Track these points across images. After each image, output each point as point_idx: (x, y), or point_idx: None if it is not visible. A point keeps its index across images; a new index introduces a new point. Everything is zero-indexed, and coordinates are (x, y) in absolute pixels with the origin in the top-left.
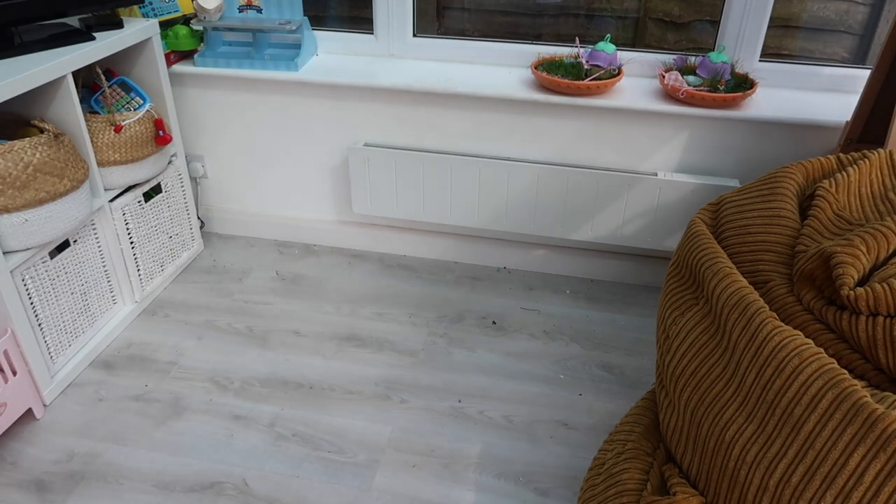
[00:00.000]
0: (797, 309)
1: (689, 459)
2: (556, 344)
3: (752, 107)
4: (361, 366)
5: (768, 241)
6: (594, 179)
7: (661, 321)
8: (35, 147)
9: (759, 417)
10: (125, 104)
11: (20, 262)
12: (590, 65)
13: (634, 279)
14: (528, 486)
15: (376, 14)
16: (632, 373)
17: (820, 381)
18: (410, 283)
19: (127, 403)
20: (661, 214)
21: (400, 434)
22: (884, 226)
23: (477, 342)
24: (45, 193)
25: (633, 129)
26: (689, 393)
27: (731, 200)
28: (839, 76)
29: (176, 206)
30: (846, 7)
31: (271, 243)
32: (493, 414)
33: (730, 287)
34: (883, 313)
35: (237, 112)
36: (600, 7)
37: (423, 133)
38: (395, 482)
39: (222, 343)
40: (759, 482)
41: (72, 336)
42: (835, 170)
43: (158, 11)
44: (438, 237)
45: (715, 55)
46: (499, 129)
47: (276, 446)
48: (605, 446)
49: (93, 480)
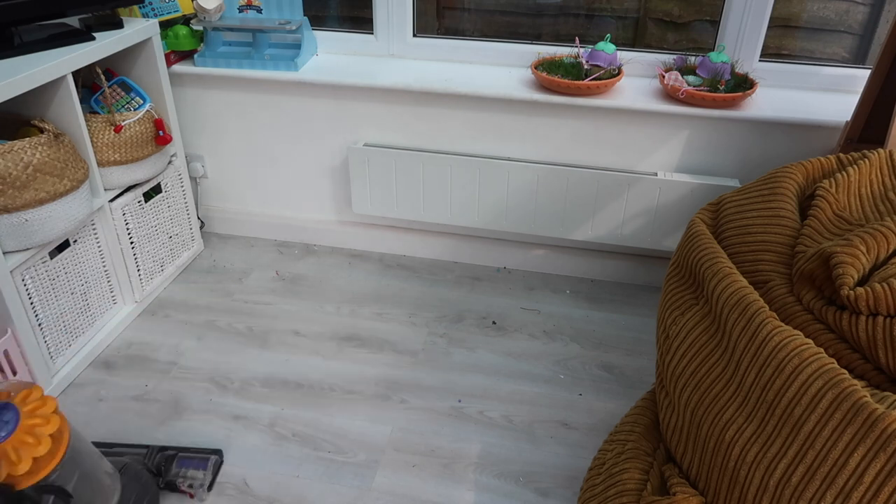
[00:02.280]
0: (797, 309)
1: (689, 459)
2: (556, 344)
3: (752, 107)
4: (361, 366)
5: (768, 241)
6: (594, 179)
7: (661, 321)
8: (35, 147)
9: (759, 417)
10: (125, 104)
11: (20, 262)
12: (590, 65)
13: (634, 279)
14: (528, 486)
15: (376, 14)
16: (632, 373)
17: (820, 381)
18: (410, 283)
19: (127, 403)
20: (661, 214)
21: (400, 434)
22: (884, 226)
23: (477, 342)
24: (45, 193)
25: (633, 129)
26: (689, 393)
27: (731, 200)
28: (839, 76)
29: (176, 206)
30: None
31: (271, 243)
32: (493, 414)
33: (730, 287)
34: (883, 313)
35: (237, 112)
36: (600, 7)
37: (423, 133)
38: (395, 482)
39: (222, 343)
40: (759, 482)
41: (72, 336)
42: (835, 170)
43: (158, 11)
44: (438, 237)
45: (715, 55)
46: (499, 129)
47: (276, 446)
48: (605, 446)
49: None
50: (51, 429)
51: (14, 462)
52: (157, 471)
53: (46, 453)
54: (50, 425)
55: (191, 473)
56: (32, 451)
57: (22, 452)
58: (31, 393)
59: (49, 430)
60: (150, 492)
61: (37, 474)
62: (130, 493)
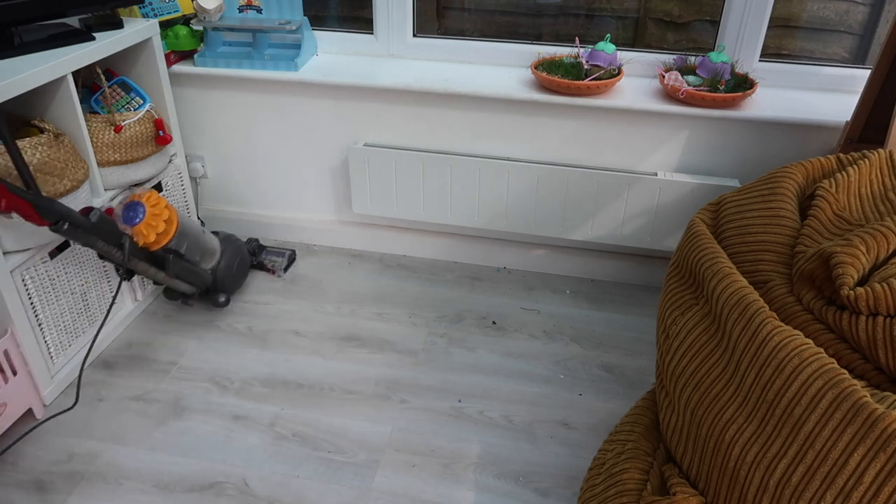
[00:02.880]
0: (797, 309)
1: (689, 459)
2: (556, 344)
3: (752, 107)
4: (361, 366)
5: (768, 241)
6: (594, 179)
7: (661, 321)
8: (35, 147)
9: (759, 417)
10: (125, 104)
11: (20, 263)
12: (590, 65)
13: (634, 279)
14: (528, 486)
15: (376, 14)
16: (632, 373)
17: (820, 381)
18: (410, 283)
19: (127, 403)
20: (661, 214)
21: (400, 434)
22: (883, 226)
23: (477, 342)
24: (46, 193)
25: (633, 129)
26: (689, 393)
27: (731, 200)
28: (839, 76)
29: (176, 205)
30: (846, 7)
31: (271, 243)
32: (493, 414)
33: (730, 287)
34: (883, 313)
35: (237, 112)
36: (600, 7)
37: (423, 133)
38: (395, 482)
39: (222, 343)
40: (759, 482)
41: (72, 336)
42: (835, 170)
43: (158, 11)
44: (438, 237)
45: (715, 55)
46: (499, 129)
47: (276, 446)
48: (605, 446)
49: (93, 480)
50: (165, 216)
51: (146, 235)
52: (252, 252)
53: (163, 231)
54: (165, 213)
55: (273, 258)
56: (155, 229)
57: (149, 231)
58: (151, 196)
59: (164, 217)
60: (244, 259)
61: (160, 243)
62: (230, 256)
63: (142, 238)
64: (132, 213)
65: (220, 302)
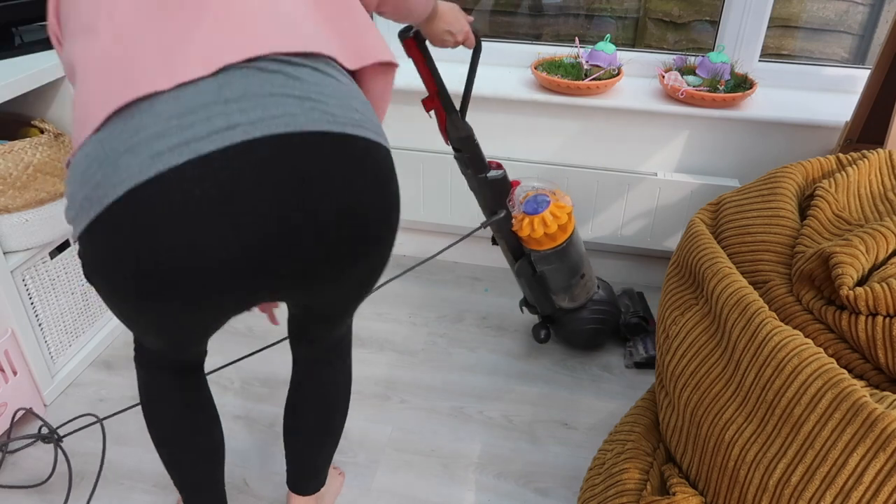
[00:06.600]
0: (797, 309)
1: (688, 459)
2: (557, 344)
3: (752, 107)
4: (361, 366)
5: (768, 241)
6: (594, 179)
7: (661, 321)
8: (35, 147)
9: (759, 417)
10: None
11: (20, 263)
12: (590, 65)
13: (634, 279)
14: (528, 486)
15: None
16: (632, 373)
17: (819, 381)
18: (410, 283)
19: (127, 403)
20: (661, 214)
21: (400, 434)
22: (883, 226)
23: (477, 342)
24: (46, 194)
25: (633, 130)
26: (689, 393)
27: (730, 200)
28: (839, 76)
29: None
30: (846, 7)
31: None
32: (493, 414)
33: (730, 287)
34: (882, 313)
35: None
36: (600, 7)
37: (424, 133)
38: (395, 482)
39: (222, 343)
40: (759, 482)
41: (72, 336)
42: (834, 170)
43: None
44: (438, 237)
45: (714, 55)
46: (499, 129)
47: (276, 446)
48: (605, 446)
49: (93, 480)
50: (565, 218)
51: (548, 224)
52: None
53: (559, 230)
54: (565, 215)
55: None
56: (556, 222)
57: (550, 221)
58: (557, 197)
59: (563, 218)
60: (614, 313)
61: (554, 242)
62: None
63: (525, 229)
64: (535, 204)
65: (541, 337)
